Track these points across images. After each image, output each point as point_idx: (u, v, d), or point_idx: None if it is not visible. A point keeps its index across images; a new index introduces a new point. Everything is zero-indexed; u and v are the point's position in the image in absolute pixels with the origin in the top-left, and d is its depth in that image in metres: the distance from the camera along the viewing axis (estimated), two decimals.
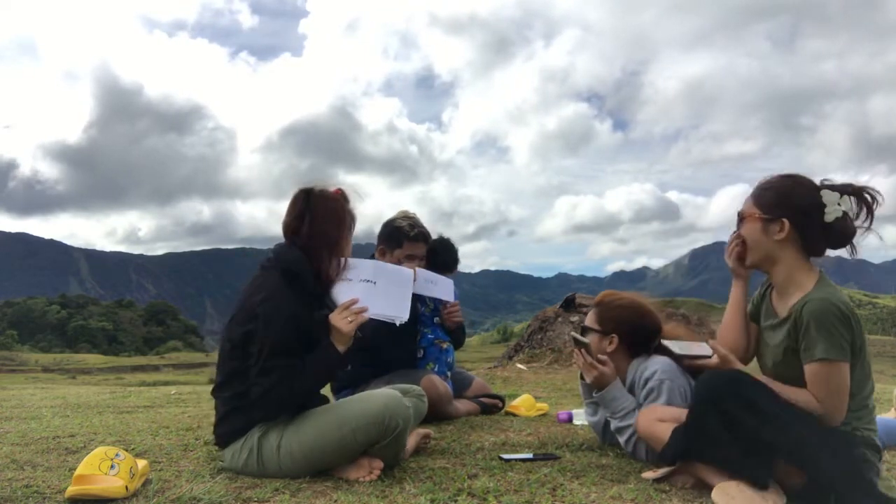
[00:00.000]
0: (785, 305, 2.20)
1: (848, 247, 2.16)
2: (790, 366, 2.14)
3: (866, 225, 2.13)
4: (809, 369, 2.06)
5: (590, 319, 2.85)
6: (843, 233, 2.12)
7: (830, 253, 2.20)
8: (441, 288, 3.56)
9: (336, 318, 2.28)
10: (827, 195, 2.10)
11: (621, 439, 2.65)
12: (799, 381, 2.11)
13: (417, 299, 3.69)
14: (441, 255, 3.79)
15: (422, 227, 3.60)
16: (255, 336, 2.25)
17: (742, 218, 2.25)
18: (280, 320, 2.25)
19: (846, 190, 2.12)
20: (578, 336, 2.78)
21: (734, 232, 2.31)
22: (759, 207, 2.20)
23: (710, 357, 2.38)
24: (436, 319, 3.79)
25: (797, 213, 2.13)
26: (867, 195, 2.12)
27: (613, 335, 2.76)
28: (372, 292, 2.35)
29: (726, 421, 2.01)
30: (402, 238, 3.52)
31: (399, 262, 3.42)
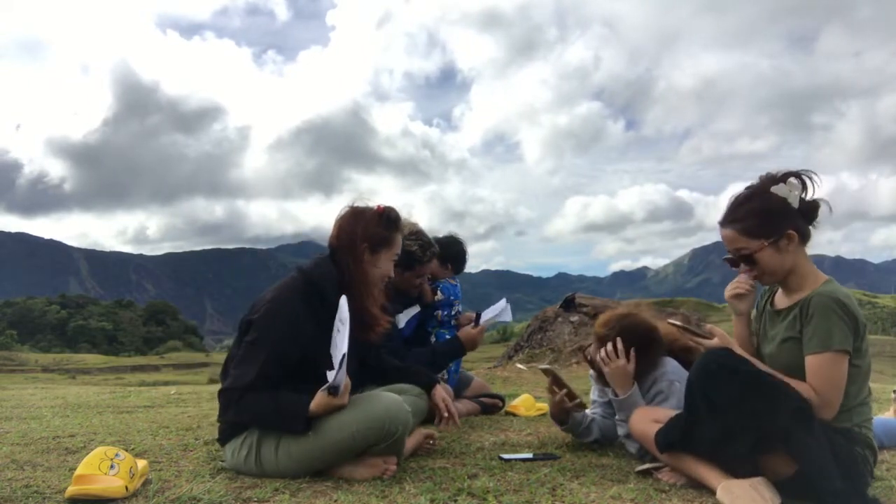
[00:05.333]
0: (790, 299, 2.25)
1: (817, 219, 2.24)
2: (787, 356, 2.17)
3: (816, 193, 2.22)
4: (812, 360, 2.09)
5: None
6: (810, 208, 2.21)
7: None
8: (503, 313, 3.68)
9: (345, 398, 2.16)
10: (779, 189, 2.19)
11: (632, 446, 2.62)
12: (795, 371, 2.14)
13: (434, 305, 3.85)
14: (451, 252, 3.90)
15: (430, 245, 3.56)
16: (251, 328, 2.28)
17: (751, 255, 2.21)
18: (278, 325, 2.26)
19: (783, 178, 2.21)
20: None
21: (743, 274, 2.30)
22: (760, 237, 2.19)
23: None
24: (453, 322, 3.88)
25: (787, 219, 2.19)
26: (798, 172, 2.22)
27: (644, 360, 2.65)
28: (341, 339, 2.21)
29: (719, 395, 2.03)
30: (415, 263, 3.52)
31: (410, 282, 3.56)
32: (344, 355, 2.09)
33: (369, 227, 2.45)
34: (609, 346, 2.63)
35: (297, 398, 2.21)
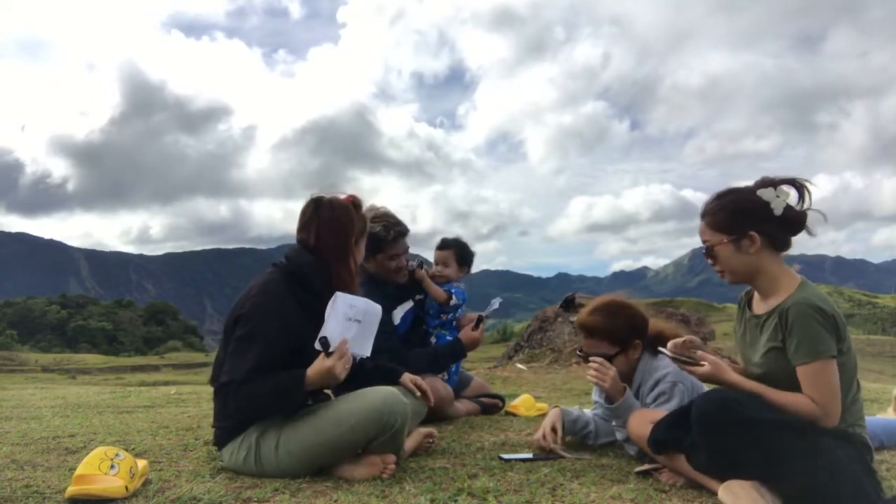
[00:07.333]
0: (767, 305, 2.23)
1: (805, 230, 2.21)
2: (772, 365, 2.16)
3: (809, 205, 2.18)
4: (803, 370, 2.08)
5: (601, 347, 2.67)
6: (795, 220, 2.19)
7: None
8: (492, 305, 3.83)
9: (338, 365, 2.20)
10: (764, 193, 2.17)
11: (631, 449, 2.62)
12: (783, 379, 2.12)
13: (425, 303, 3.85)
14: (468, 254, 3.97)
15: (396, 224, 3.52)
16: (240, 323, 2.28)
17: (711, 249, 2.24)
18: (269, 318, 2.27)
19: (777, 184, 2.18)
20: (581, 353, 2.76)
21: (592, 366, 2.49)
22: (721, 232, 2.21)
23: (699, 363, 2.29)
24: (454, 323, 3.88)
25: (755, 220, 2.18)
26: (797, 181, 2.19)
27: (637, 341, 2.67)
28: (356, 331, 2.29)
29: (717, 447, 2.04)
30: (382, 244, 3.50)
31: (384, 265, 3.52)
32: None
33: (354, 220, 2.47)
34: (592, 364, 2.60)
35: (294, 372, 2.23)
